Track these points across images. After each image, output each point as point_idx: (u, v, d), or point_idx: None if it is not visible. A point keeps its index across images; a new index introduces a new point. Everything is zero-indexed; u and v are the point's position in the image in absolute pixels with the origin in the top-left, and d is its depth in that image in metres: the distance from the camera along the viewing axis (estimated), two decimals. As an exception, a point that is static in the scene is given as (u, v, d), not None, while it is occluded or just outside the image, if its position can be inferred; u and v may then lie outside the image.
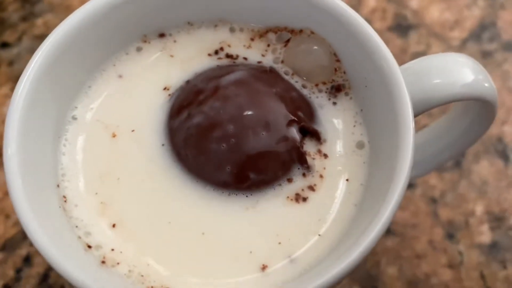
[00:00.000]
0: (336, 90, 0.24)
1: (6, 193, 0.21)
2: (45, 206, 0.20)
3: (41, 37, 0.23)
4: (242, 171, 0.21)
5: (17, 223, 0.37)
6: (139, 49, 0.25)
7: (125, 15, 0.24)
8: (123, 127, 0.23)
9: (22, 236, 0.37)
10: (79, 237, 0.21)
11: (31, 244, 0.36)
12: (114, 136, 0.23)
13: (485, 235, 0.38)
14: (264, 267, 0.20)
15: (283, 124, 0.22)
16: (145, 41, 0.25)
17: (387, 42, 0.48)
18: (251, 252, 0.20)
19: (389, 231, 0.38)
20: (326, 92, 0.24)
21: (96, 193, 0.22)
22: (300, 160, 0.21)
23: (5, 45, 0.44)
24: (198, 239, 0.21)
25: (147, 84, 0.24)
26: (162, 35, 0.26)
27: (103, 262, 0.20)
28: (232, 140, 0.21)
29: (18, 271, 0.36)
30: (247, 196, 0.22)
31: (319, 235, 0.21)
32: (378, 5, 0.48)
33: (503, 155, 0.41)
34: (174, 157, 0.22)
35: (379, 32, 0.47)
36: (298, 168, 0.22)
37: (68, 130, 0.23)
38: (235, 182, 0.21)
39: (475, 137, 0.28)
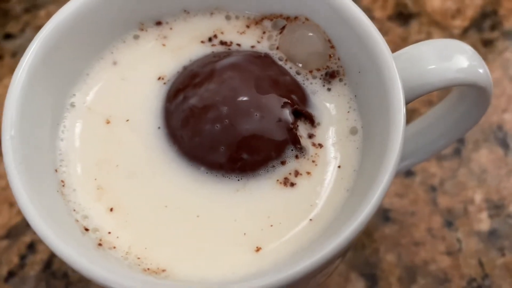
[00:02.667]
0: (330, 76, 0.24)
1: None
2: (43, 190, 0.20)
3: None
4: (235, 151, 0.21)
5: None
6: (136, 37, 0.26)
7: (122, 3, 0.24)
8: (119, 114, 0.24)
9: (26, 224, 0.37)
10: (77, 220, 0.21)
11: (35, 232, 0.37)
12: (110, 122, 0.23)
13: (483, 223, 0.39)
14: (258, 249, 0.21)
15: (276, 105, 0.22)
16: (142, 29, 0.26)
17: (387, 31, 0.48)
18: (245, 234, 0.21)
19: (388, 219, 0.38)
20: (320, 78, 0.24)
21: (95, 179, 0.22)
22: (293, 141, 0.22)
23: (8, 36, 0.45)
24: (193, 222, 0.21)
25: (142, 72, 0.24)
26: (159, 23, 0.26)
27: (99, 244, 0.21)
28: (226, 121, 0.21)
29: (23, 257, 0.36)
30: (238, 180, 0.22)
31: (310, 219, 0.21)
32: (379, -7, 0.48)
33: (503, 143, 0.41)
34: (169, 140, 0.22)
35: (380, 21, 0.48)
36: (292, 150, 0.22)
37: (67, 117, 0.23)
38: (228, 162, 0.21)
39: (471, 123, 0.28)
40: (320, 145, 0.23)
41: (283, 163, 0.22)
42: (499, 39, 0.46)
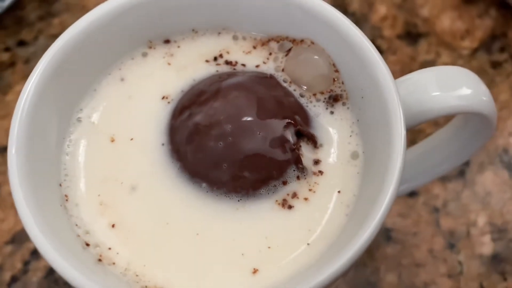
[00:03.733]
0: (333, 100, 0.25)
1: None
2: (47, 204, 0.21)
3: (57, 37, 0.24)
4: (238, 169, 0.22)
5: (27, 217, 0.38)
6: (144, 54, 0.26)
7: (131, 21, 0.24)
8: (124, 132, 0.24)
9: (31, 230, 0.38)
10: (78, 235, 0.21)
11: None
12: (114, 140, 0.24)
13: (486, 246, 0.38)
14: (255, 271, 0.21)
15: (280, 125, 0.22)
16: (150, 47, 0.26)
17: (396, 50, 0.48)
18: (242, 254, 0.21)
19: (389, 238, 0.38)
20: (323, 101, 0.25)
21: (98, 195, 0.23)
22: (295, 161, 0.22)
23: (22, 43, 0.46)
24: (193, 240, 0.21)
25: (148, 90, 0.25)
26: (167, 41, 0.26)
27: (99, 260, 0.21)
28: (229, 138, 0.22)
29: (26, 263, 0.37)
30: (238, 200, 0.22)
31: (308, 244, 0.21)
32: (388, 12, 0.48)
33: (509, 166, 0.41)
34: (173, 156, 0.23)
35: (389, 40, 0.48)
36: (294, 170, 0.22)
37: (73, 132, 0.24)
38: (230, 180, 0.22)
39: (474, 149, 0.28)
40: (321, 172, 0.23)
41: (284, 183, 0.22)
42: (508, 61, 0.46)
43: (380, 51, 0.46)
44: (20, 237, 0.38)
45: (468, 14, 0.48)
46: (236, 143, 0.22)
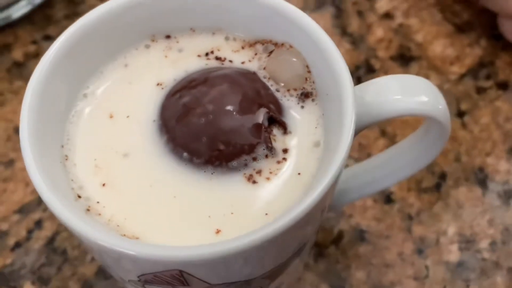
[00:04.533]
0: (305, 96, 0.28)
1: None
2: (49, 159, 0.24)
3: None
4: (215, 142, 0.25)
5: (34, 191, 0.42)
6: (147, 46, 0.30)
7: (137, 17, 0.28)
8: (122, 109, 0.28)
9: (37, 203, 0.42)
10: (72, 188, 0.25)
11: (44, 210, 0.42)
12: (113, 116, 0.28)
13: (453, 254, 0.41)
14: (218, 231, 0.24)
15: (255, 109, 0.26)
16: (153, 40, 0.30)
17: (388, 70, 0.52)
18: (209, 216, 0.24)
19: (363, 239, 0.41)
20: (296, 97, 0.28)
21: (94, 159, 0.27)
22: (266, 140, 0.25)
23: (48, 38, 0.51)
24: (170, 201, 0.25)
25: (146, 77, 0.29)
26: (168, 37, 0.30)
27: (88, 209, 0.25)
28: (210, 116, 0.25)
29: (30, 232, 0.41)
30: (212, 173, 0.26)
31: (266, 214, 0.25)
32: (385, 35, 0.52)
33: (483, 184, 0.44)
34: (161, 130, 0.26)
35: (382, 60, 0.51)
36: (263, 149, 0.26)
37: (78, 105, 0.28)
38: (208, 151, 0.25)
39: (434, 154, 0.31)
40: (286, 155, 0.26)
41: (254, 159, 0.26)
42: (492, 88, 0.49)
43: (373, 70, 0.50)
44: (27, 208, 0.42)
45: (459, 42, 0.51)
46: (216, 120, 0.25)
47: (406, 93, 0.28)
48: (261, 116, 0.26)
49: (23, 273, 0.39)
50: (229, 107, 0.26)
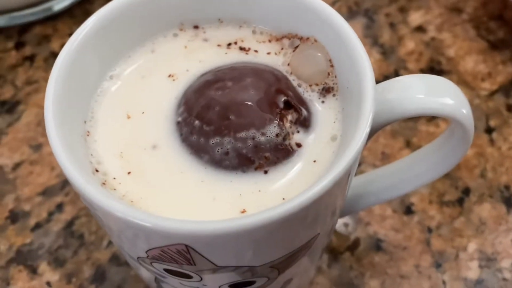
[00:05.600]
0: (326, 91, 0.28)
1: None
2: (70, 131, 0.25)
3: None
4: (225, 111, 0.25)
5: (59, 175, 0.43)
6: (175, 35, 0.31)
7: (167, 4, 0.29)
8: (146, 91, 0.29)
9: (60, 187, 0.43)
10: (91, 162, 0.26)
11: (66, 195, 0.43)
12: (136, 99, 0.28)
13: (472, 271, 0.40)
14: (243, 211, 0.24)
15: (273, 92, 0.26)
16: (181, 29, 0.31)
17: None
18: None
19: (379, 248, 0.41)
20: (317, 92, 0.28)
21: (115, 138, 0.27)
22: (279, 118, 0.25)
23: (85, 31, 0.52)
24: (196, 187, 0.25)
25: (171, 63, 0.29)
26: (196, 27, 0.31)
27: (103, 183, 0.25)
28: (227, 90, 0.26)
29: (50, 214, 0.42)
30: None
31: (283, 198, 0.25)
32: (416, 48, 0.52)
33: (508, 202, 0.42)
34: (179, 105, 0.27)
35: (411, 72, 0.51)
36: (274, 127, 0.26)
37: (104, 86, 0.29)
38: (218, 119, 0.25)
39: (456, 159, 0.31)
40: (299, 145, 0.26)
41: (263, 134, 0.25)
42: (523, 108, 0.48)
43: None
44: (50, 191, 0.43)
45: (492, 59, 0.50)
46: (230, 93, 0.26)
47: (431, 93, 0.27)
48: (277, 98, 0.26)
49: (41, 253, 0.40)
50: (246, 86, 0.26)
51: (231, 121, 0.25)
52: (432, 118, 0.47)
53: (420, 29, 0.52)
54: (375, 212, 0.42)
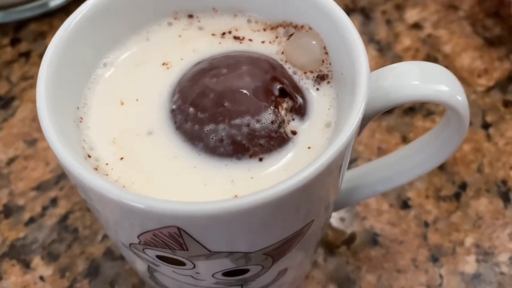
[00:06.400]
0: (320, 78, 0.28)
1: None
2: (64, 118, 0.25)
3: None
4: (220, 98, 0.25)
5: (53, 170, 0.43)
6: (169, 24, 0.31)
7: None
8: (139, 78, 0.28)
9: (54, 181, 0.43)
10: (83, 148, 0.25)
11: (60, 189, 0.42)
12: (129, 86, 0.28)
13: (469, 265, 0.39)
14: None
15: (267, 80, 0.26)
16: (175, 18, 0.31)
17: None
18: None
19: (376, 242, 0.40)
20: (312, 79, 0.28)
21: (108, 124, 0.27)
22: (274, 105, 0.25)
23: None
24: (188, 173, 0.25)
25: (165, 51, 0.29)
26: (190, 16, 0.31)
27: (95, 169, 0.25)
28: (222, 78, 0.26)
29: (44, 209, 0.41)
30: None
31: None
32: (412, 44, 0.52)
33: (505, 197, 0.42)
34: (174, 93, 0.27)
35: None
36: (270, 114, 0.26)
37: (98, 73, 0.28)
38: (212, 106, 0.25)
39: (448, 152, 0.30)
40: (294, 132, 0.26)
41: (258, 121, 0.25)
42: (520, 102, 0.47)
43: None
44: (45, 186, 0.43)
45: (488, 55, 0.50)
46: (225, 81, 0.26)
47: (426, 79, 0.27)
48: (272, 85, 0.26)
49: (34, 247, 0.40)
50: (242, 75, 0.26)
51: (226, 108, 0.25)
52: (428, 113, 0.47)
53: (416, 26, 0.52)
54: (371, 207, 0.41)
